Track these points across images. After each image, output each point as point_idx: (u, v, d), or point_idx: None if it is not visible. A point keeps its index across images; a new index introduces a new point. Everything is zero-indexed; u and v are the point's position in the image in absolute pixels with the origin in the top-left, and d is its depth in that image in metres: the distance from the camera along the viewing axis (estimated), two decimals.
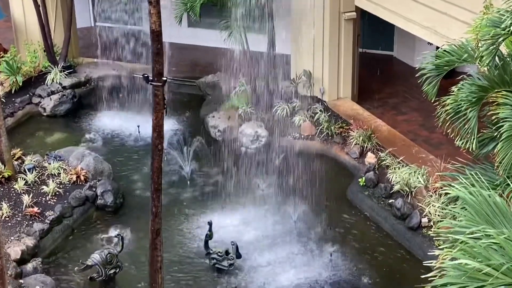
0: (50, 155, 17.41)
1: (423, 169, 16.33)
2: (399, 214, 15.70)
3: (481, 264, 6.27)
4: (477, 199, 7.37)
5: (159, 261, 9.91)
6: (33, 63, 21.85)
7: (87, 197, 16.28)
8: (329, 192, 17.27)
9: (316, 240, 15.57)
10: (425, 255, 13.73)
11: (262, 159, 18.45)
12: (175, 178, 17.85)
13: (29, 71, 21.77)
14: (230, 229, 15.85)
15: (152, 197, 9.76)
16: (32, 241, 14.49)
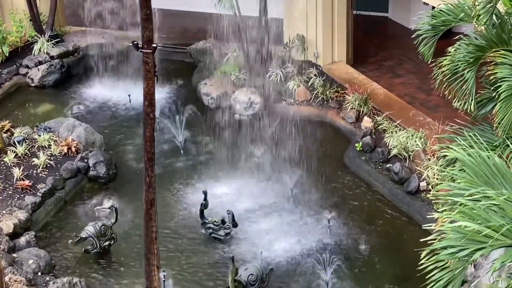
0: (39, 126, 17.35)
1: (421, 132, 16.36)
2: (397, 179, 15.75)
3: (481, 226, 6.31)
4: (476, 160, 7.38)
5: (154, 232, 9.93)
6: (19, 33, 21.69)
7: (79, 168, 16.27)
8: (326, 158, 17.32)
9: (313, 207, 15.63)
10: (424, 219, 13.84)
11: (256, 126, 18.44)
12: (168, 147, 17.85)
13: (15, 41, 21.64)
14: (225, 198, 15.89)
15: (145, 167, 9.75)
16: (24, 214, 14.50)
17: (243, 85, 19.58)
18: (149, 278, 10.10)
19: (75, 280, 12.79)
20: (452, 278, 6.64)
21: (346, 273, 13.60)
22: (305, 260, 14.02)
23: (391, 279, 13.37)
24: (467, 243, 6.35)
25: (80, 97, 20.37)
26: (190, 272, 13.78)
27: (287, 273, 13.77)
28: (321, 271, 13.43)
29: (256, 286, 12.80)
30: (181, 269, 13.81)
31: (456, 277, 6.63)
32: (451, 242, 6.46)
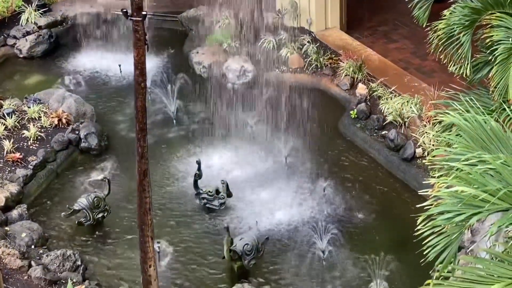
0: (29, 98, 17.27)
1: (416, 98, 16.36)
2: (393, 146, 15.78)
3: (477, 191, 6.34)
4: (472, 125, 7.40)
5: (147, 203, 9.93)
6: (6, 2, 21.51)
7: (70, 140, 16.23)
8: (320, 126, 17.31)
9: (309, 175, 15.66)
10: (420, 186, 13.84)
11: (249, 94, 18.41)
12: (160, 117, 17.81)
13: (2, 11, 21.46)
14: (219, 167, 15.91)
15: (137, 137, 9.71)
16: (15, 187, 14.49)
17: (236, 53, 19.52)
18: (143, 249, 10.12)
19: (69, 253, 12.83)
20: (449, 243, 6.69)
21: (342, 241, 13.66)
22: (301, 228, 14.09)
23: (387, 246, 13.45)
24: (464, 208, 6.38)
25: (70, 68, 20.25)
26: (185, 242, 13.83)
27: (282, 242, 13.84)
28: (317, 239, 13.51)
29: (251, 255, 12.86)
30: (175, 239, 13.85)
31: (453, 242, 6.67)
32: (447, 207, 6.49)
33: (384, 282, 12.38)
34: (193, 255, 13.56)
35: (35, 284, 12.02)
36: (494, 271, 6.27)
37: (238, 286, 12.21)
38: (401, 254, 13.11)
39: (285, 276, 13.09)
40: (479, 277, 6.26)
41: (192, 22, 21.45)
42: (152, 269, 10.23)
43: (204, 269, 13.23)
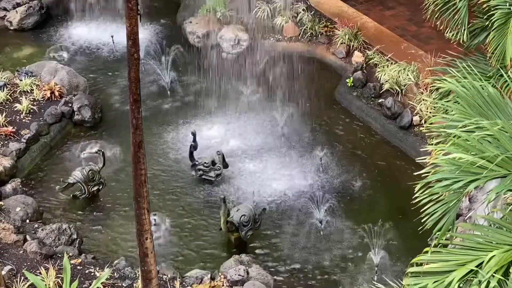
0: (20, 71, 17.17)
1: (413, 66, 16.32)
2: (390, 114, 15.78)
3: (475, 157, 6.34)
4: (469, 91, 7.38)
5: (143, 175, 9.90)
6: None
7: (63, 113, 16.17)
8: (316, 95, 17.30)
9: (305, 145, 15.68)
10: (417, 154, 13.88)
11: (244, 64, 18.34)
12: (154, 89, 17.75)
13: None
14: (215, 138, 15.90)
15: (131, 108, 9.65)
16: (9, 161, 14.47)
17: (230, 22, 19.40)
18: (140, 221, 10.12)
19: (64, 227, 12.86)
20: (447, 210, 6.71)
21: (340, 210, 13.73)
22: (298, 199, 14.13)
23: (385, 214, 13.51)
24: (462, 175, 6.39)
25: (61, 40, 20.11)
26: (181, 214, 13.88)
27: (280, 212, 13.89)
28: (314, 209, 13.55)
29: (248, 226, 12.90)
30: (172, 211, 13.89)
31: (451, 209, 6.69)
32: (445, 174, 6.50)
33: (382, 251, 12.45)
34: (189, 227, 13.61)
35: (30, 258, 12.05)
36: (492, 237, 6.29)
37: (235, 257, 12.27)
38: (399, 222, 13.19)
39: (282, 247, 13.17)
40: (477, 244, 6.28)
41: None
42: (149, 242, 10.23)
43: (201, 241, 13.29)
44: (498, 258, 6.02)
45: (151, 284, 10.48)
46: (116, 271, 11.87)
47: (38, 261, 11.97)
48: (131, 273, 11.82)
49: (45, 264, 11.83)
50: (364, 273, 12.44)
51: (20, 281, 11.38)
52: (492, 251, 6.07)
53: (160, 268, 11.57)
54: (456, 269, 6.10)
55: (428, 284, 6.13)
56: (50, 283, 11.26)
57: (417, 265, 6.42)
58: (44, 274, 11.46)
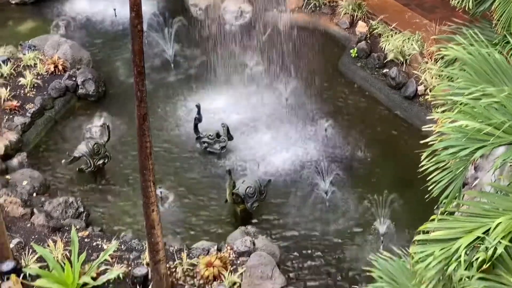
0: (24, 45, 17.15)
1: (417, 35, 16.25)
2: (394, 84, 15.73)
3: (482, 124, 6.30)
4: (476, 58, 7.32)
5: (148, 147, 9.92)
6: None
7: (67, 87, 16.17)
8: (320, 66, 17.23)
9: (309, 116, 15.65)
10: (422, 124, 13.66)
11: (247, 36, 18.26)
12: (158, 62, 17.71)
13: None
14: (219, 111, 15.88)
15: (135, 81, 9.64)
16: (14, 135, 14.49)
17: None
18: (145, 194, 10.15)
19: (71, 200, 12.92)
20: (453, 178, 6.70)
21: (345, 181, 13.76)
22: (303, 170, 14.14)
23: (390, 184, 13.51)
24: (468, 142, 6.36)
25: (64, 13, 20.01)
26: (187, 187, 13.91)
27: (285, 184, 13.92)
28: (320, 180, 13.56)
29: (254, 198, 12.93)
30: (177, 184, 13.92)
31: (458, 177, 6.68)
32: (452, 142, 6.47)
33: (388, 220, 12.47)
34: (195, 199, 13.64)
35: (38, 231, 12.12)
36: (499, 204, 6.28)
37: (241, 229, 12.32)
38: (405, 191, 13.19)
39: (288, 218, 13.21)
40: (484, 211, 6.28)
41: None
42: (155, 214, 10.28)
43: (206, 213, 13.33)
44: (504, 224, 6.01)
45: (158, 256, 10.55)
46: (123, 243, 11.94)
47: (46, 234, 12.04)
48: (138, 245, 11.89)
49: (53, 237, 11.91)
50: (370, 242, 12.49)
51: (29, 254, 11.46)
52: (499, 218, 6.06)
53: (166, 240, 11.62)
54: (462, 236, 6.10)
55: (435, 252, 6.14)
56: (58, 256, 11.34)
57: (424, 233, 6.42)
58: (52, 246, 11.55)
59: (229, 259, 11.49)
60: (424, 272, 6.17)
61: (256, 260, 11.29)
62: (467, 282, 6.00)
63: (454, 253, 6.02)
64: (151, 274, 10.84)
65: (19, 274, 11.06)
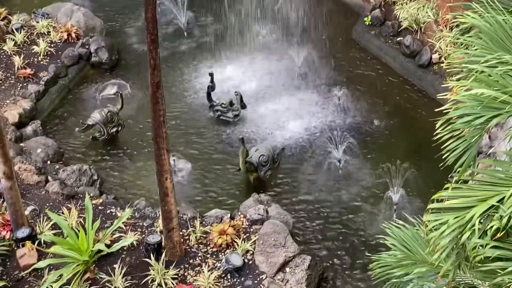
0: (37, 13, 17.11)
1: (432, 2, 16.06)
2: (409, 52, 15.62)
3: (498, 92, 6.24)
4: (492, 26, 7.22)
5: (161, 115, 9.92)
6: None
7: (80, 55, 16.16)
8: (334, 34, 17.14)
9: (322, 84, 15.59)
10: (436, 92, 13.75)
11: (261, 3, 18.13)
12: (171, 30, 17.66)
13: None
14: (232, 79, 15.85)
15: (149, 49, 9.62)
16: (28, 103, 14.52)
17: None
18: (159, 162, 10.18)
19: (85, 168, 12.96)
20: (468, 146, 6.64)
21: (359, 150, 13.72)
22: (317, 138, 14.12)
23: (404, 153, 13.50)
24: (484, 110, 6.30)
25: None
26: (200, 155, 13.93)
27: (298, 152, 13.91)
28: (333, 149, 13.54)
29: (267, 166, 12.93)
30: (190, 152, 13.94)
31: (473, 145, 6.62)
32: (467, 110, 6.41)
33: (401, 189, 12.46)
34: (209, 167, 13.66)
35: (52, 198, 12.19)
36: None
37: (254, 197, 12.34)
38: (419, 160, 13.17)
39: (301, 186, 13.22)
40: (499, 180, 6.24)
41: None
42: (169, 182, 10.32)
43: (220, 181, 13.36)
44: None
45: (171, 223, 10.61)
46: (136, 211, 11.99)
47: (60, 202, 12.11)
48: (152, 213, 11.94)
49: (67, 204, 11.98)
50: (383, 211, 12.49)
51: (43, 221, 11.54)
52: None
53: (180, 208, 11.67)
54: (477, 204, 6.08)
55: (449, 220, 6.12)
56: (72, 223, 11.41)
57: (438, 201, 6.40)
58: (66, 214, 11.62)
59: (242, 227, 11.53)
60: (438, 241, 6.16)
61: (269, 228, 11.33)
62: (481, 250, 6.00)
63: (468, 222, 6.01)
64: (165, 241, 10.91)
65: (34, 241, 11.16)
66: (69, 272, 10.45)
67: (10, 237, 11.24)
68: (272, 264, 10.90)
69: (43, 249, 11.07)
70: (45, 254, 11.00)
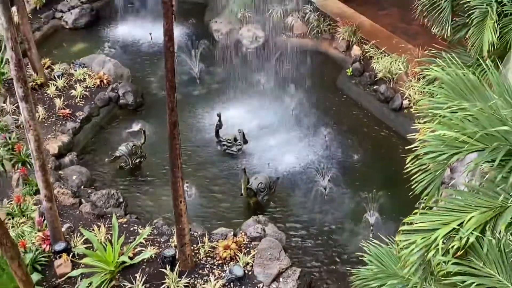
0: (75, 63, 17.21)
1: (403, 57, 16.17)
2: (383, 98, 15.65)
3: (458, 134, 6.24)
4: (453, 78, 7.25)
5: (177, 149, 9.91)
6: None
7: (110, 98, 16.19)
8: (321, 83, 17.20)
9: (311, 124, 15.59)
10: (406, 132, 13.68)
11: (261, 57, 18.24)
12: (186, 77, 17.69)
13: None
14: (236, 119, 15.84)
15: (167, 93, 9.64)
16: (66, 138, 14.52)
17: (249, 22, 19.28)
18: (175, 188, 10.14)
19: (113, 192, 12.91)
20: (433, 178, 6.63)
21: (341, 179, 13.67)
22: (306, 169, 14.08)
23: (379, 182, 13.44)
24: (446, 149, 6.29)
25: (109, 37, 20.09)
26: (209, 182, 13.88)
27: (291, 181, 13.85)
28: (320, 178, 13.50)
29: (265, 192, 12.90)
30: (201, 180, 13.89)
31: (437, 177, 6.62)
32: (432, 148, 6.41)
33: (377, 213, 12.40)
34: (216, 192, 13.61)
35: (85, 218, 12.12)
36: (471, 201, 6.22)
37: (254, 218, 12.27)
38: (392, 189, 13.11)
39: (293, 209, 13.16)
40: (459, 207, 6.22)
41: None
42: (182, 204, 10.27)
43: (225, 204, 13.30)
44: (476, 218, 5.96)
45: (184, 239, 10.53)
46: (155, 228, 11.91)
47: (91, 220, 12.04)
48: (168, 231, 11.86)
49: (97, 222, 11.90)
50: (361, 231, 12.41)
51: (77, 236, 11.47)
52: (471, 213, 6.00)
53: (191, 227, 11.60)
54: (440, 227, 6.05)
55: (417, 240, 6.09)
56: (101, 238, 11.34)
57: (408, 224, 6.37)
58: (96, 230, 11.55)
59: (243, 243, 11.44)
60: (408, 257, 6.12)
61: (266, 244, 11.25)
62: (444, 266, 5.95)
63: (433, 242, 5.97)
64: (178, 254, 10.83)
65: (69, 253, 11.09)
66: (98, 280, 10.37)
67: (49, 249, 11.17)
68: (268, 274, 10.81)
69: (76, 260, 10.98)
70: (78, 264, 10.92)
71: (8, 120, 14.69)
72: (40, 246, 11.18)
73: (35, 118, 10.03)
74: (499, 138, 6.13)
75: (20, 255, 9.20)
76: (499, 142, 6.12)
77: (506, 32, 10.17)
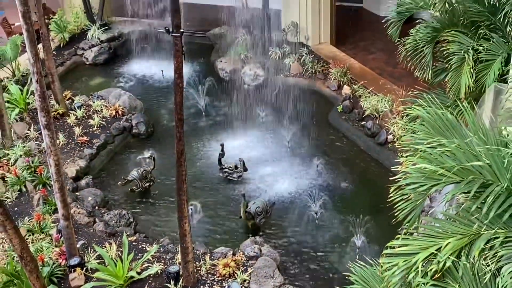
0: (93, 95, 17.30)
1: (388, 97, 16.25)
2: (370, 133, 15.69)
3: (437, 167, 6.27)
4: (432, 116, 7.32)
5: (184, 175, 9.92)
6: (76, 22, 21.54)
7: (124, 127, 16.24)
8: (315, 118, 17.24)
9: (305, 155, 15.61)
10: (391, 164, 13.79)
11: (261, 93, 18.35)
12: (193, 110, 17.77)
13: (73, 29, 21.47)
14: (238, 149, 15.86)
15: (176, 125, 9.69)
16: (83, 162, 14.53)
17: (250, 62, 19.43)
18: (180, 209, 10.12)
19: (124, 212, 12.89)
20: (414, 207, 6.65)
21: (331, 205, 13.63)
22: (299, 195, 14.06)
23: (366, 209, 13.38)
24: (426, 180, 6.32)
25: (124, 72, 20.24)
26: (211, 205, 13.84)
27: (285, 205, 13.81)
28: (312, 204, 13.47)
29: (262, 216, 12.86)
30: (204, 203, 13.85)
31: (417, 206, 6.63)
32: (413, 179, 6.43)
33: (363, 237, 12.35)
34: (217, 215, 13.56)
35: (98, 235, 12.07)
36: (448, 229, 6.22)
37: (251, 238, 12.21)
38: (377, 216, 13.05)
39: (287, 231, 13.09)
40: (437, 233, 6.22)
41: (217, 38, 21.37)
42: (187, 225, 10.24)
43: (225, 226, 13.24)
44: (452, 244, 5.95)
45: (188, 257, 10.48)
46: (161, 246, 11.85)
47: (104, 238, 11.98)
48: (173, 249, 11.80)
49: (109, 240, 11.85)
50: (348, 253, 12.34)
51: (90, 252, 11.41)
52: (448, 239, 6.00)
53: (195, 245, 11.54)
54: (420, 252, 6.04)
55: (399, 263, 6.07)
56: (112, 255, 11.27)
57: (391, 248, 6.35)
58: (108, 247, 11.49)
59: (241, 262, 11.37)
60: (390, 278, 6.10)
61: (262, 263, 11.18)
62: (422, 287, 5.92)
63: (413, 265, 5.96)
64: (182, 271, 10.75)
65: (83, 267, 11.01)
66: None
67: (65, 264, 11.10)
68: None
69: (89, 274, 10.91)
70: (91, 278, 10.84)
71: (31, 145, 14.72)
72: (56, 260, 11.12)
73: (56, 144, 10.06)
74: (474, 172, 6.16)
75: (38, 268, 9.16)
76: (474, 175, 6.15)
77: (481, 76, 10.27)
